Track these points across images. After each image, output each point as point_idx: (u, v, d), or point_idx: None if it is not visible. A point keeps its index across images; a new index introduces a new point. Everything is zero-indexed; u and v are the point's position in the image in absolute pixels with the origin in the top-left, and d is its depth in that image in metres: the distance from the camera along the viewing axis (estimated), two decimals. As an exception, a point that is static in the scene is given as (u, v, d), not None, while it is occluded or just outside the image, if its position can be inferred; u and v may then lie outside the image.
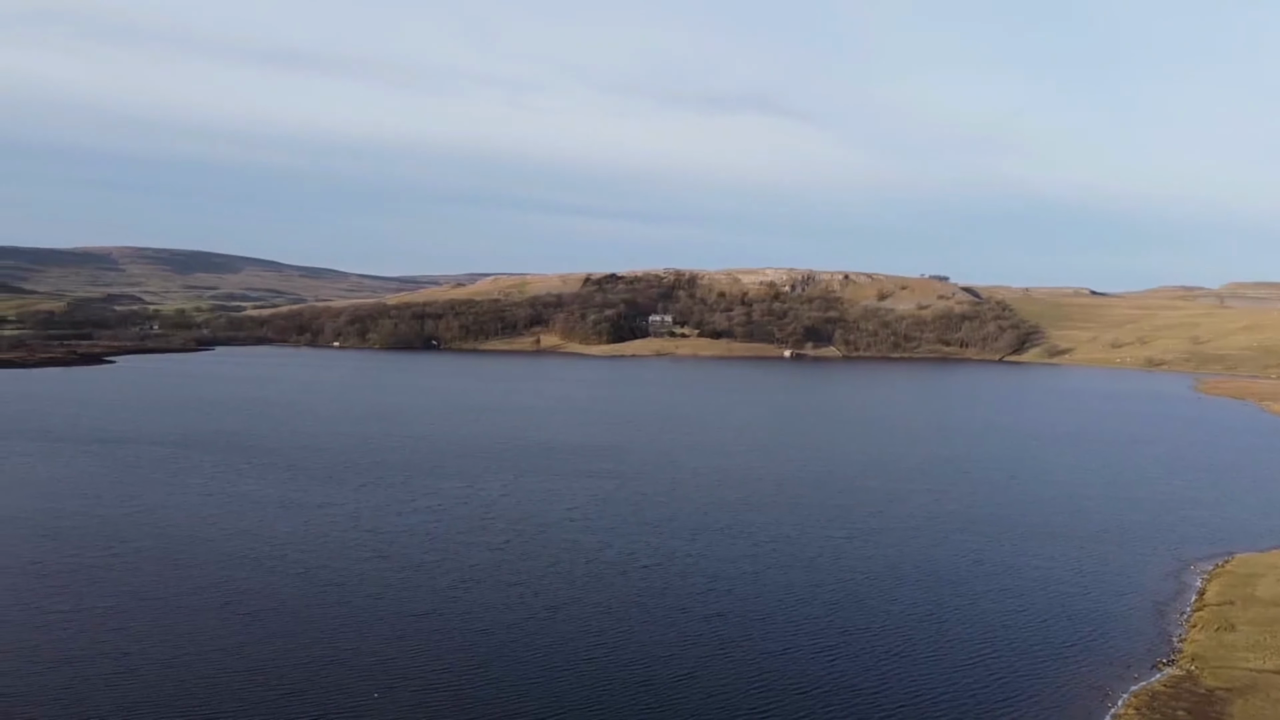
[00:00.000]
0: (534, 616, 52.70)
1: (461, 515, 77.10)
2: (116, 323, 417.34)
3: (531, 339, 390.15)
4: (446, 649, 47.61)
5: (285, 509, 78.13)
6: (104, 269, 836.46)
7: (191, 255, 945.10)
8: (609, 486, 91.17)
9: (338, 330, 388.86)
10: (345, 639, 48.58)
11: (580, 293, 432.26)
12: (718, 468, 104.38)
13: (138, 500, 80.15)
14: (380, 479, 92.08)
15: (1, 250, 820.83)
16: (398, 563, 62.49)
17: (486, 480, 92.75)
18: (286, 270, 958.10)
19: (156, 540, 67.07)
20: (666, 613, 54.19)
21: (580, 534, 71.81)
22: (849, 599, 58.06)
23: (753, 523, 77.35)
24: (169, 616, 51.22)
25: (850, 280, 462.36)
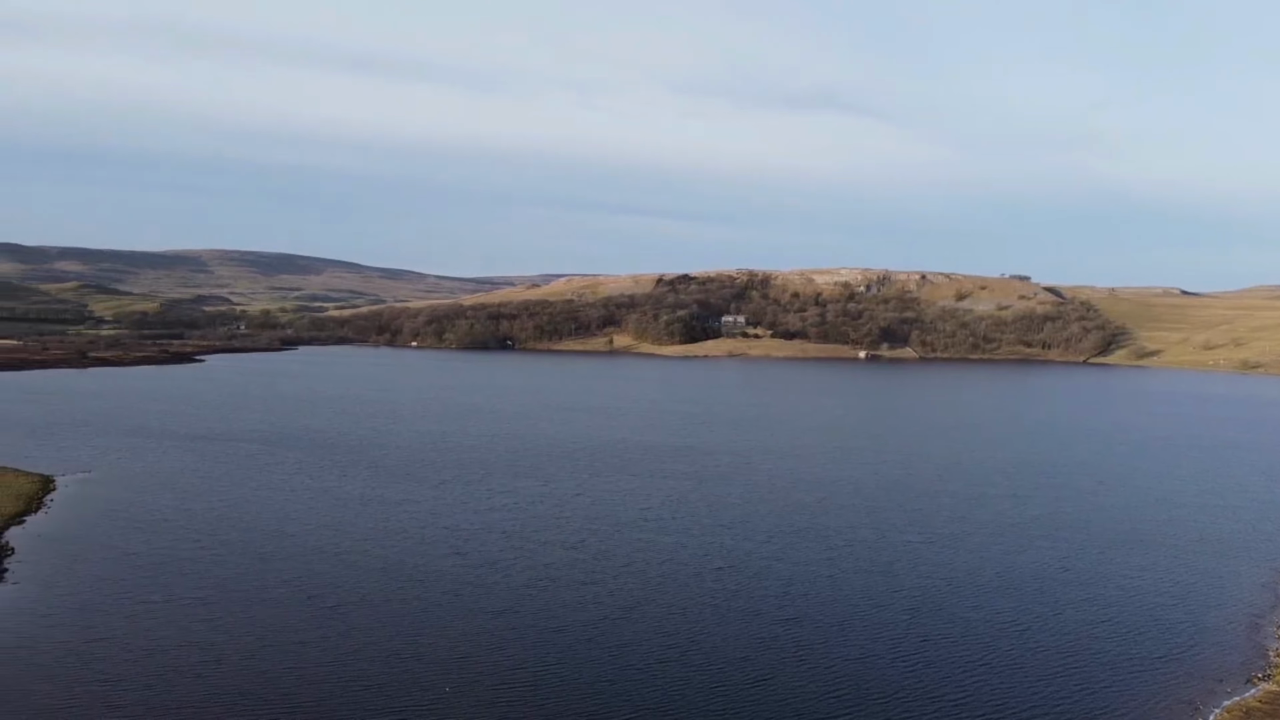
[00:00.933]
0: (608, 617, 52.77)
1: (537, 514, 77.73)
2: (206, 323, 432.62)
3: (604, 339, 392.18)
4: (522, 646, 47.95)
5: (366, 505, 79.80)
6: (195, 271, 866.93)
7: (277, 257, 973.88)
8: (683, 487, 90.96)
9: (415, 330, 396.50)
10: (423, 634, 49.30)
11: (653, 293, 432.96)
12: (792, 470, 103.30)
13: (225, 495, 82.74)
14: (457, 477, 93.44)
15: (100, 254, 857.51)
16: (475, 560, 63.25)
17: (561, 479, 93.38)
18: (367, 272, 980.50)
19: (242, 534, 69.10)
20: (741, 616, 53.73)
21: (655, 535, 71.74)
22: (928, 605, 56.79)
23: (829, 526, 76.30)
24: (254, 609, 52.66)
25: (927, 280, 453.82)
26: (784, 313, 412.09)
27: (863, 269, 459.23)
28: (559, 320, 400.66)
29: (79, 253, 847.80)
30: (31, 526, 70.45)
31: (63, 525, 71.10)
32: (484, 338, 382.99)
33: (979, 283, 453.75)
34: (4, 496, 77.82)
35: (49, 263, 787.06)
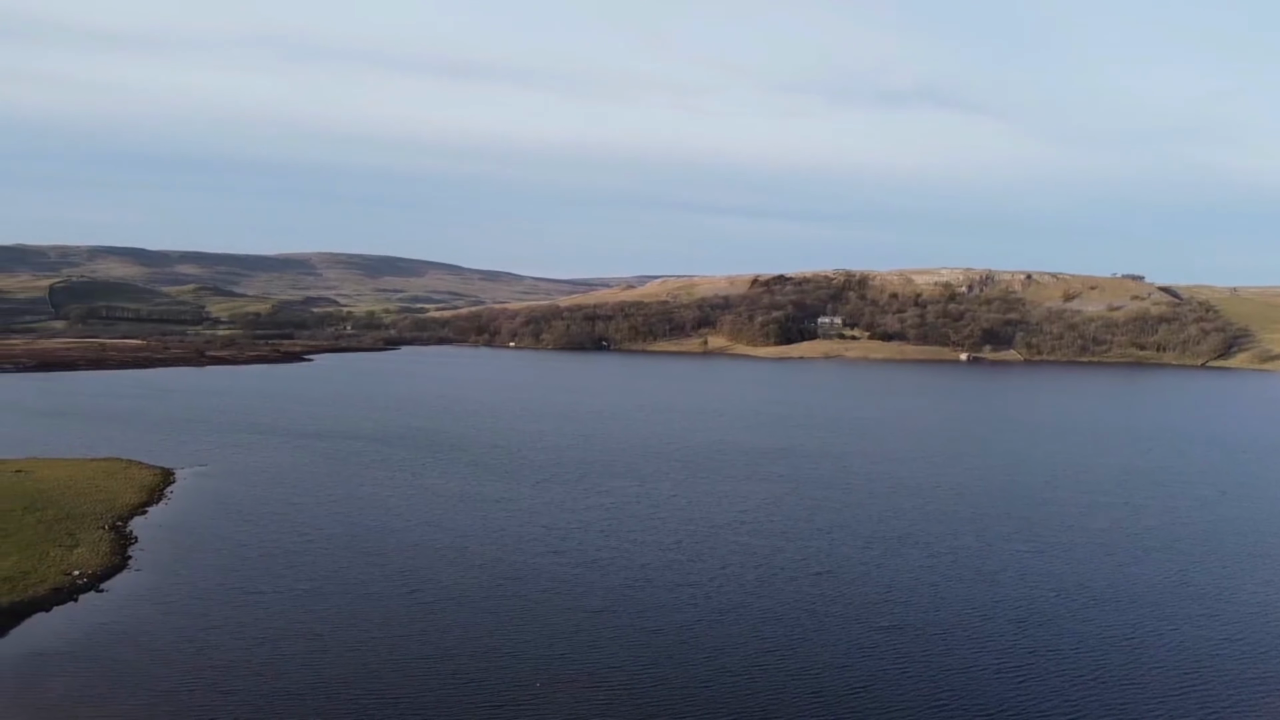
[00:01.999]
0: (704, 619, 52.37)
1: (633, 514, 77.82)
2: (314, 323, 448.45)
3: (699, 340, 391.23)
4: (617, 646, 47.96)
5: (465, 502, 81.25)
6: (304, 274, 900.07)
7: (381, 260, 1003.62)
8: (780, 490, 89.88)
9: (513, 331, 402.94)
10: (521, 631, 49.78)
11: (748, 294, 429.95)
12: (892, 474, 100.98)
13: (331, 490, 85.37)
14: (555, 476, 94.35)
15: (216, 257, 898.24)
16: (572, 559, 63.66)
17: (658, 480, 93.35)
18: (466, 273, 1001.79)
19: (347, 529, 71.12)
20: (839, 622, 52.64)
21: (751, 537, 71.00)
22: (1036, 617, 54.63)
23: (930, 532, 74.25)
24: (358, 602, 54.06)
25: (1033, 280, 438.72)
26: (882, 314, 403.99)
27: (964, 269, 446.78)
28: (654, 321, 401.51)
29: (197, 256, 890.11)
30: (153, 516, 73.98)
31: (180, 516, 74.45)
32: (580, 338, 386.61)
33: (1088, 282, 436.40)
34: (128, 488, 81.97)
35: (170, 266, 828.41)
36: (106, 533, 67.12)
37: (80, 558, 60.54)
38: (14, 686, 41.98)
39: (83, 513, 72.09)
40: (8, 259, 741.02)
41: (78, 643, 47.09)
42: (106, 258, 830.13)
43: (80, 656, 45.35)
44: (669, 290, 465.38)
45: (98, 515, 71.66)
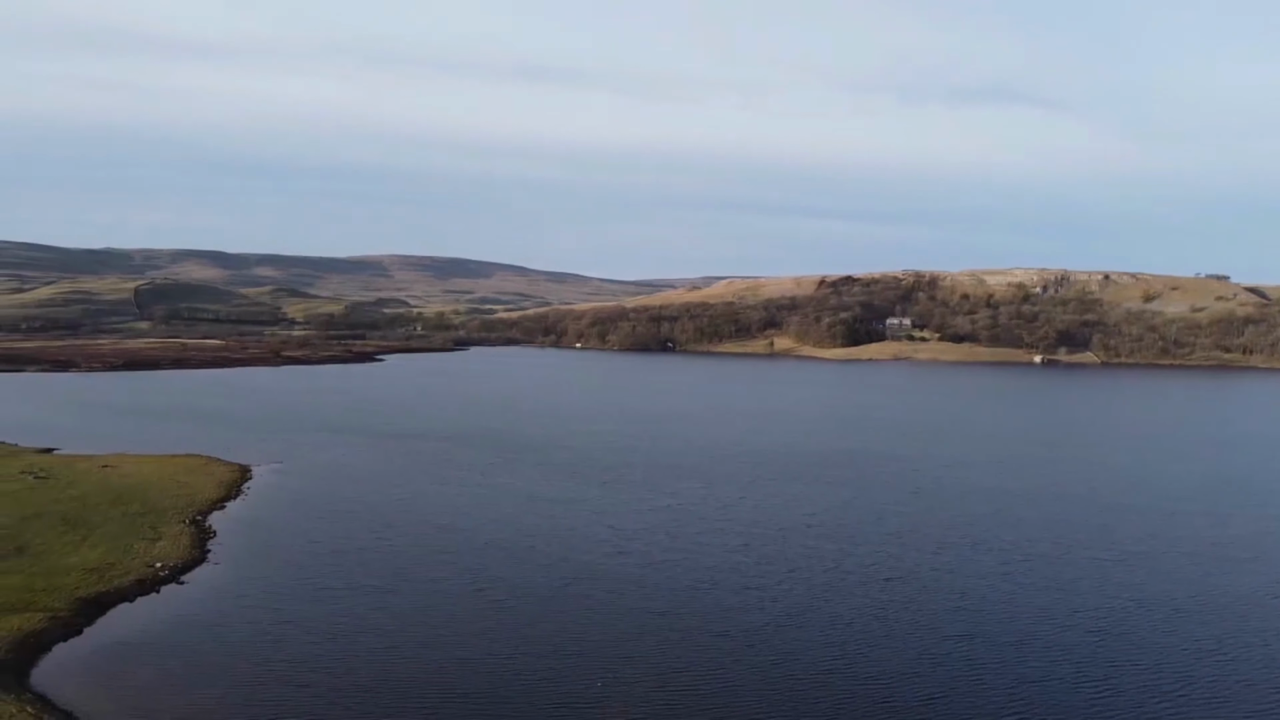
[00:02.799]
0: (771, 623, 51.77)
1: (699, 516, 77.44)
2: (385, 324, 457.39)
3: (765, 341, 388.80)
4: (684, 649, 47.66)
5: (533, 502, 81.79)
6: (376, 275, 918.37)
7: (450, 262, 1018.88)
8: (849, 494, 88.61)
9: (580, 332, 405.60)
10: (587, 631, 49.81)
11: (815, 295, 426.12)
12: (963, 479, 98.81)
13: (402, 488, 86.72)
14: (621, 477, 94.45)
15: (292, 260, 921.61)
16: (637, 560, 63.56)
17: (724, 482, 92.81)
18: (533, 275, 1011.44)
19: (417, 526, 72.13)
20: (910, 629, 51.56)
21: (819, 541, 70.06)
22: (1116, 628, 52.79)
23: (1004, 539, 72.38)
24: (427, 599, 54.72)
25: (1111, 280, 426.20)
26: (953, 315, 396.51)
27: (1039, 269, 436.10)
28: (719, 322, 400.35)
29: (275, 259, 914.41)
30: (230, 511, 76.02)
31: (257, 511, 76.35)
32: (645, 339, 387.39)
33: (1169, 283, 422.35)
34: (208, 484, 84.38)
35: (249, 268, 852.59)
36: (187, 527, 69.17)
37: (162, 551, 62.46)
38: (101, 674, 43.44)
39: (165, 507, 74.42)
40: (97, 262, 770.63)
41: (159, 633, 48.54)
42: (189, 261, 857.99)
43: (161, 646, 46.73)
44: (735, 291, 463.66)
45: (179, 510, 73.90)
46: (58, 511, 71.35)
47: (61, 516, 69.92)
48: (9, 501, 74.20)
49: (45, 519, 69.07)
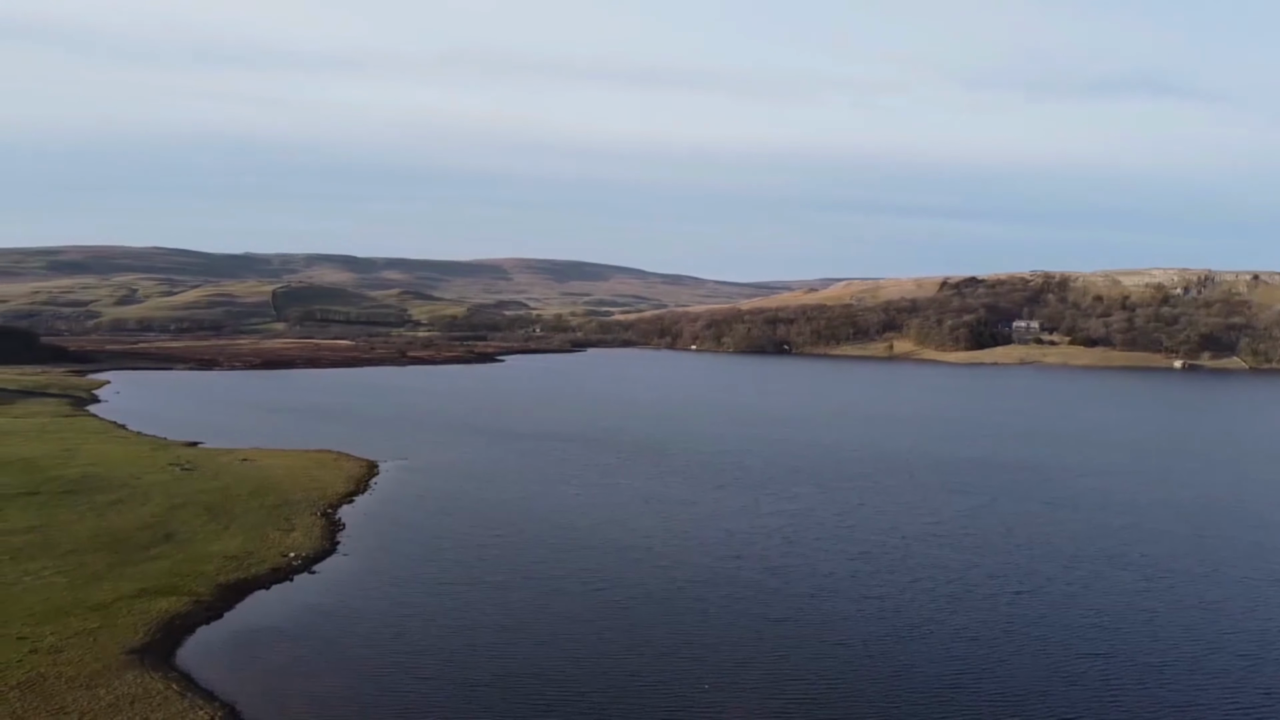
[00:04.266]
0: (893, 634, 50.21)
1: (818, 521, 75.99)
2: (506, 326, 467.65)
3: (884, 344, 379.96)
4: (800, 657, 46.69)
5: (650, 503, 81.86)
6: (496, 278, 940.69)
7: (568, 265, 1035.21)
8: (975, 502, 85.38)
9: (695, 334, 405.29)
10: (702, 635, 49.36)
11: (936, 297, 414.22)
12: (1099, 489, 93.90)
13: (521, 486, 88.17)
14: (738, 480, 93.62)
15: (418, 263, 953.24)
16: (754, 565, 62.75)
17: (842, 487, 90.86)
18: (650, 278, 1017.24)
19: (535, 524, 73.12)
20: (1041, 646, 49.14)
21: (943, 551, 67.69)
22: (1271, 653, 49.02)
23: (1143, 554, 68.35)
24: (544, 597, 55.31)
25: (1261, 281, 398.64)
26: (1084, 317, 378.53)
27: (1179, 269, 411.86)
28: (836, 325, 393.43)
29: (401, 263, 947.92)
30: (358, 505, 78.82)
31: (383, 505, 78.91)
32: (761, 342, 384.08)
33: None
34: (338, 478, 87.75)
35: (377, 272, 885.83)
36: (318, 519, 72.03)
37: (295, 541, 65.20)
38: (239, 656, 45.55)
39: (298, 499, 77.73)
40: (237, 266, 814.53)
41: (291, 619, 50.61)
42: (321, 264, 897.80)
43: (293, 632, 48.69)
44: (853, 293, 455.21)
45: (311, 502, 77.06)
46: (202, 502, 75.44)
47: (205, 506, 73.89)
48: (159, 492, 78.90)
49: (190, 508, 73.13)
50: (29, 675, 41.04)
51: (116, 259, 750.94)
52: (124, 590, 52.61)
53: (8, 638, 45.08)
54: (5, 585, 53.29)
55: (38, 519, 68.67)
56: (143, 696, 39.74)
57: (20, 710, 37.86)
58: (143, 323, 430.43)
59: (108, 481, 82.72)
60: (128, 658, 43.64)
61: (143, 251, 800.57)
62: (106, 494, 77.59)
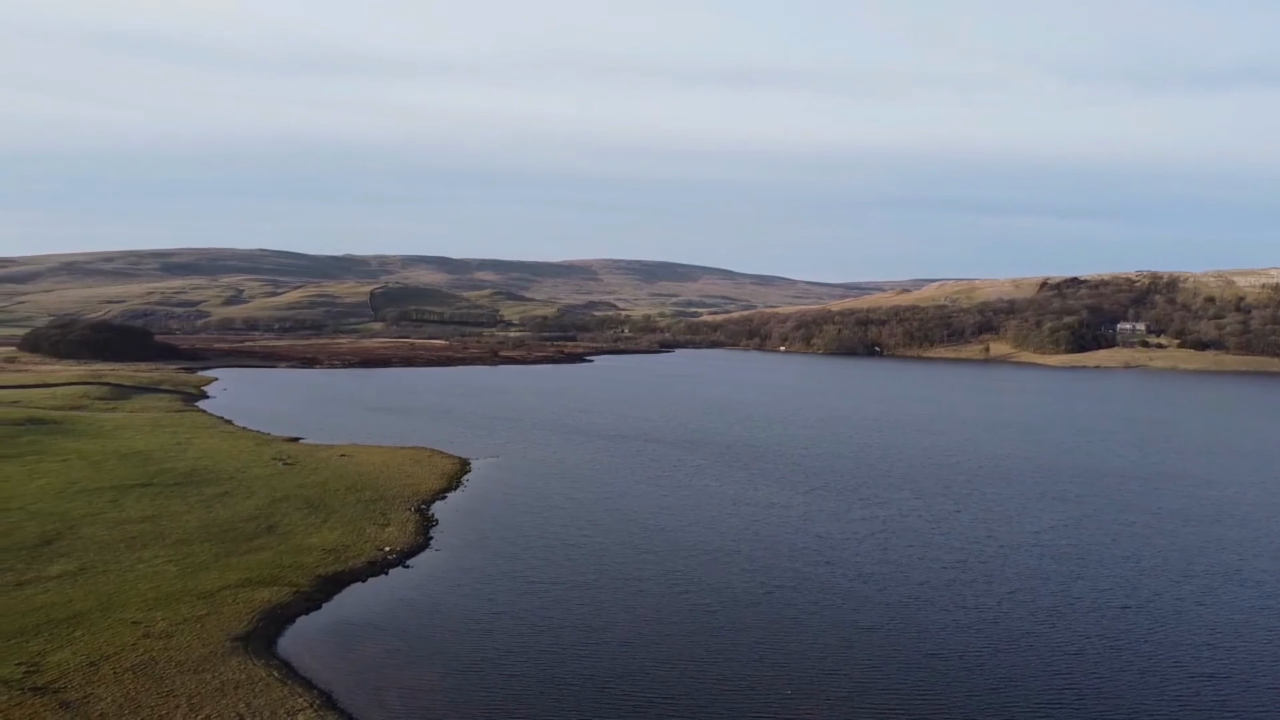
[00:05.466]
0: (990, 646, 48.59)
1: (912, 528, 74.22)
2: (595, 326, 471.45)
3: (979, 347, 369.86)
4: (891, 667, 45.57)
5: (738, 506, 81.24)
6: (586, 279, 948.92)
7: (657, 265, 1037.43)
8: (1078, 512, 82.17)
9: (784, 335, 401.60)
10: (789, 642, 48.64)
11: (1035, 298, 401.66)
12: (1214, 499, 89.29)
13: (609, 486, 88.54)
14: (829, 484, 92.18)
15: (510, 264, 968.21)
16: (845, 571, 61.60)
17: (938, 493, 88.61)
18: (739, 278, 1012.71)
19: (623, 525, 73.27)
20: (1149, 663, 46.90)
21: (1044, 561, 65.29)
22: None
23: (1264, 569, 64.61)
24: (631, 598, 55.30)
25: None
26: (1195, 319, 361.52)
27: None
28: (930, 326, 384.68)
29: (494, 264, 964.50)
30: (451, 501, 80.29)
31: (475, 502, 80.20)
32: (851, 343, 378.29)
33: None
34: (431, 474, 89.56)
35: (470, 273, 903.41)
36: (412, 514, 73.62)
37: (390, 536, 66.75)
38: (336, 646, 46.79)
39: (393, 495, 79.61)
40: (337, 267, 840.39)
41: (386, 612, 51.76)
42: (417, 266, 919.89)
43: (388, 625, 49.79)
44: (947, 294, 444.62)
45: (405, 498, 78.83)
46: (302, 495, 77.91)
47: (305, 500, 76.28)
48: (262, 485, 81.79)
49: (291, 502, 75.60)
50: (141, 658, 42.93)
51: (225, 260, 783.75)
52: (229, 579, 54.65)
53: (123, 621, 47.27)
54: (121, 571, 55.94)
55: (151, 509, 71.94)
56: (246, 683, 41.14)
57: (133, 691, 39.59)
58: (249, 322, 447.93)
59: (215, 475, 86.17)
60: (232, 645, 45.27)
61: (249, 253, 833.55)
62: (214, 487, 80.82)
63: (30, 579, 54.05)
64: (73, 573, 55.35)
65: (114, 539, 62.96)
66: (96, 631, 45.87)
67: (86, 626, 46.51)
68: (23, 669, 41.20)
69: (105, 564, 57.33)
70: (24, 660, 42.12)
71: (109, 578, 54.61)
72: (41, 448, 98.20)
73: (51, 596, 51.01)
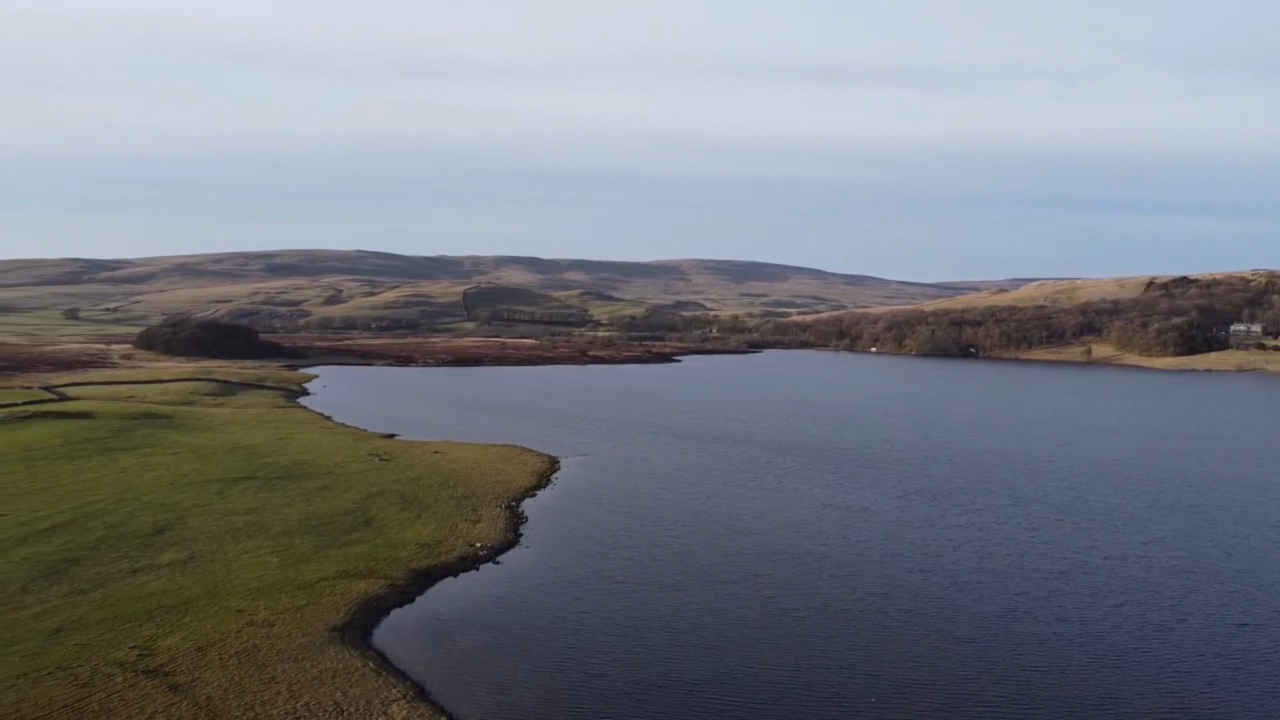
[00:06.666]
0: (1094, 662, 46.62)
1: (1009, 536, 71.89)
2: (683, 326, 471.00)
3: (1081, 349, 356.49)
4: (987, 680, 44.10)
5: (828, 510, 79.98)
6: (675, 279, 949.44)
7: (746, 265, 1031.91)
8: (1190, 522, 78.27)
9: (875, 336, 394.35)
10: (879, 651, 47.54)
11: (1141, 298, 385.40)
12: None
13: (696, 488, 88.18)
14: (923, 489, 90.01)
15: (599, 264, 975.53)
16: (940, 580, 59.98)
17: (1038, 500, 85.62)
18: (829, 278, 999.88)
19: (709, 526, 72.86)
20: (1270, 685, 44.23)
21: (1153, 574, 62.40)
22: None
23: (1394, 589, 60.57)
24: (717, 601, 54.90)
25: None
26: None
27: None
28: (1028, 327, 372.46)
29: (583, 264, 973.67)
30: (540, 499, 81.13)
31: (563, 501, 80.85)
32: (945, 344, 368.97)
33: None
34: (521, 472, 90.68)
35: (560, 273, 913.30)
36: (503, 511, 74.65)
37: (482, 532, 67.80)
38: (428, 639, 47.73)
39: (484, 492, 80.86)
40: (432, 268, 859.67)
41: (476, 607, 52.55)
42: (508, 266, 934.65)
43: (478, 620, 50.54)
44: (1046, 294, 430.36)
45: (496, 495, 79.99)
46: (396, 491, 79.77)
47: (400, 495, 78.08)
48: (359, 480, 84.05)
49: (386, 496, 77.48)
50: (245, 645, 44.49)
51: (325, 261, 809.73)
52: (327, 571, 56.25)
53: (228, 609, 49.10)
54: (227, 561, 58.14)
55: (255, 501, 74.63)
56: (343, 672, 42.25)
57: (238, 677, 41.04)
58: (347, 321, 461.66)
59: (314, 469, 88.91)
60: (330, 634, 46.56)
61: (348, 254, 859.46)
62: (313, 480, 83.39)
63: (144, 566, 56.61)
64: (182, 561, 57.75)
65: (220, 529, 65.50)
66: (204, 618, 47.74)
67: (195, 613, 48.46)
68: (136, 652, 43.12)
69: (212, 553, 59.67)
70: (138, 644, 44.09)
71: (215, 567, 56.81)
72: (155, 441, 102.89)
73: (163, 584, 53.31)
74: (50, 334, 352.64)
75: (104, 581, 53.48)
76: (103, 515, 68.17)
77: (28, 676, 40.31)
